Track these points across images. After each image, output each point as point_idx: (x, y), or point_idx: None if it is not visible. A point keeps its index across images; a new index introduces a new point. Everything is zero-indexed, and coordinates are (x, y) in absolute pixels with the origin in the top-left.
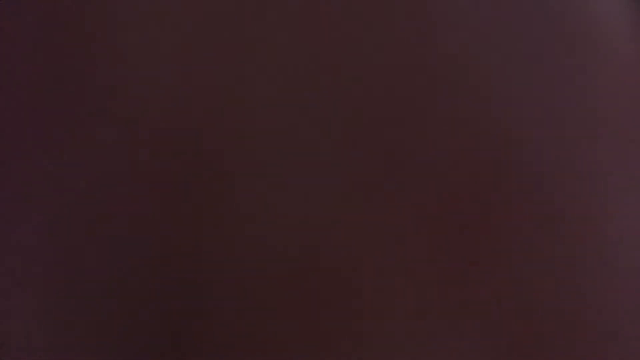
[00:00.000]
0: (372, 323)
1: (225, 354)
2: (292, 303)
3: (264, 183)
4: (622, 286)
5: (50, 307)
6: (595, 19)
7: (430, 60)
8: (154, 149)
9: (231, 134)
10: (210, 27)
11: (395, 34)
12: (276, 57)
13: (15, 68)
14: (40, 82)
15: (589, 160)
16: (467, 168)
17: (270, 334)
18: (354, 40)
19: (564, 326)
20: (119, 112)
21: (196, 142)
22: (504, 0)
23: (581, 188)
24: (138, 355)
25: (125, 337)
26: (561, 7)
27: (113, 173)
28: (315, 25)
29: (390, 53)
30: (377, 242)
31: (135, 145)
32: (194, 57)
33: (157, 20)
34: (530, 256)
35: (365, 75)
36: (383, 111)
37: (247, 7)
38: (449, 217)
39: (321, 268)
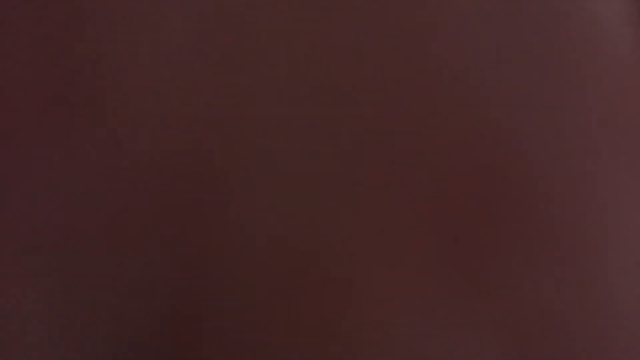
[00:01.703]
0: (371, 321)
1: (226, 352)
2: (291, 302)
3: (263, 184)
4: (623, 287)
5: (50, 307)
6: (595, 19)
7: (428, 61)
8: (155, 148)
9: (232, 134)
10: (212, 28)
11: (394, 34)
12: (276, 58)
13: (18, 68)
14: (43, 82)
15: (589, 160)
16: (467, 167)
17: (271, 333)
18: (354, 41)
19: (565, 324)
20: (121, 111)
21: (198, 142)
22: (503, 0)
23: (582, 188)
24: (138, 355)
25: (126, 337)
26: (561, 7)
27: (114, 173)
28: (316, 26)
29: (388, 53)
30: (377, 242)
31: (137, 145)
32: (196, 58)
33: (159, 21)
34: (529, 255)
35: (364, 76)
36: (382, 111)
37: (249, 8)
38: (449, 217)
39: (321, 267)
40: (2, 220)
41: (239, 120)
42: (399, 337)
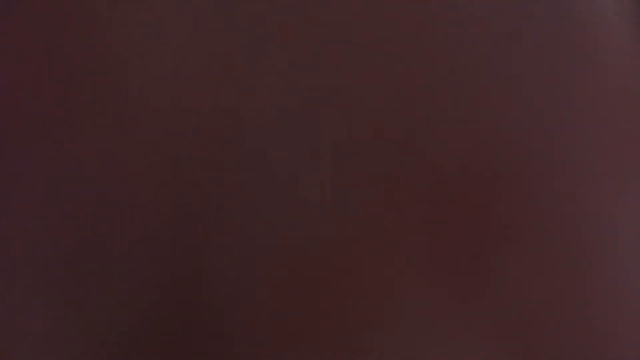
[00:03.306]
0: (373, 321)
1: (227, 352)
2: (293, 302)
3: (264, 184)
4: (621, 286)
5: (50, 307)
6: (595, 19)
7: (430, 62)
8: (155, 149)
9: (234, 134)
10: (213, 28)
11: (394, 35)
12: (277, 59)
13: (17, 67)
14: (43, 82)
15: (589, 160)
16: (467, 167)
17: (271, 333)
18: (354, 42)
19: (567, 323)
20: (121, 111)
21: (199, 142)
22: (504, 1)
23: (581, 187)
24: (138, 355)
25: (126, 337)
26: (561, 7)
27: (114, 173)
28: (317, 27)
29: (390, 54)
30: (379, 243)
31: (136, 145)
32: (197, 59)
33: (160, 22)
34: (528, 255)
35: (366, 77)
36: (384, 111)
37: (250, 8)
38: (450, 218)
39: (323, 267)
40: (3, 220)
41: (241, 120)
42: (399, 337)
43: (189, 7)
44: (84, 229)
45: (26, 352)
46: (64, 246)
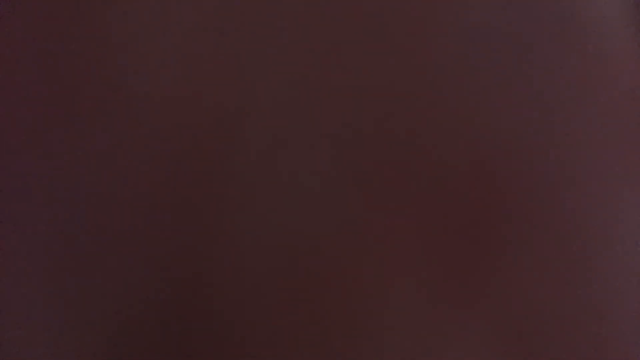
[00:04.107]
0: (372, 326)
1: (227, 351)
2: (291, 303)
3: (264, 185)
4: (624, 288)
5: (50, 307)
6: (595, 19)
7: (430, 62)
8: (155, 149)
9: (234, 136)
10: (213, 28)
11: (392, 36)
12: (279, 61)
13: (16, 67)
14: (42, 81)
15: (589, 162)
16: (469, 168)
17: (271, 335)
18: (356, 47)
19: (566, 327)
20: (120, 111)
21: (199, 142)
22: (504, 1)
23: (579, 189)
24: (139, 354)
25: (126, 337)
26: (560, 7)
27: (114, 172)
28: (318, 30)
29: (391, 54)
30: (378, 246)
31: (136, 146)
32: (197, 58)
33: (159, 21)
34: (531, 258)
35: (366, 80)
36: (384, 115)
37: (251, 10)
38: (450, 220)
39: (322, 270)
40: (2, 220)
41: (240, 121)
42: (398, 338)
43: (189, 6)
44: (84, 228)
45: (26, 352)
46: (63, 245)
